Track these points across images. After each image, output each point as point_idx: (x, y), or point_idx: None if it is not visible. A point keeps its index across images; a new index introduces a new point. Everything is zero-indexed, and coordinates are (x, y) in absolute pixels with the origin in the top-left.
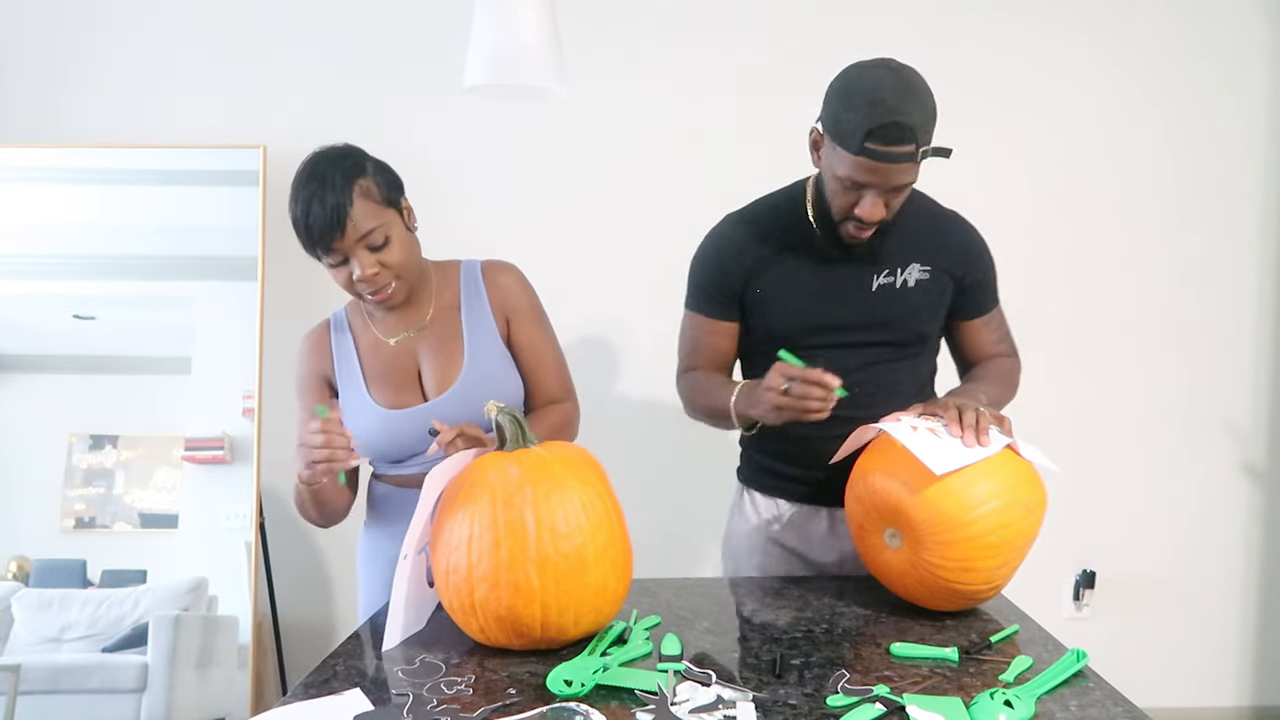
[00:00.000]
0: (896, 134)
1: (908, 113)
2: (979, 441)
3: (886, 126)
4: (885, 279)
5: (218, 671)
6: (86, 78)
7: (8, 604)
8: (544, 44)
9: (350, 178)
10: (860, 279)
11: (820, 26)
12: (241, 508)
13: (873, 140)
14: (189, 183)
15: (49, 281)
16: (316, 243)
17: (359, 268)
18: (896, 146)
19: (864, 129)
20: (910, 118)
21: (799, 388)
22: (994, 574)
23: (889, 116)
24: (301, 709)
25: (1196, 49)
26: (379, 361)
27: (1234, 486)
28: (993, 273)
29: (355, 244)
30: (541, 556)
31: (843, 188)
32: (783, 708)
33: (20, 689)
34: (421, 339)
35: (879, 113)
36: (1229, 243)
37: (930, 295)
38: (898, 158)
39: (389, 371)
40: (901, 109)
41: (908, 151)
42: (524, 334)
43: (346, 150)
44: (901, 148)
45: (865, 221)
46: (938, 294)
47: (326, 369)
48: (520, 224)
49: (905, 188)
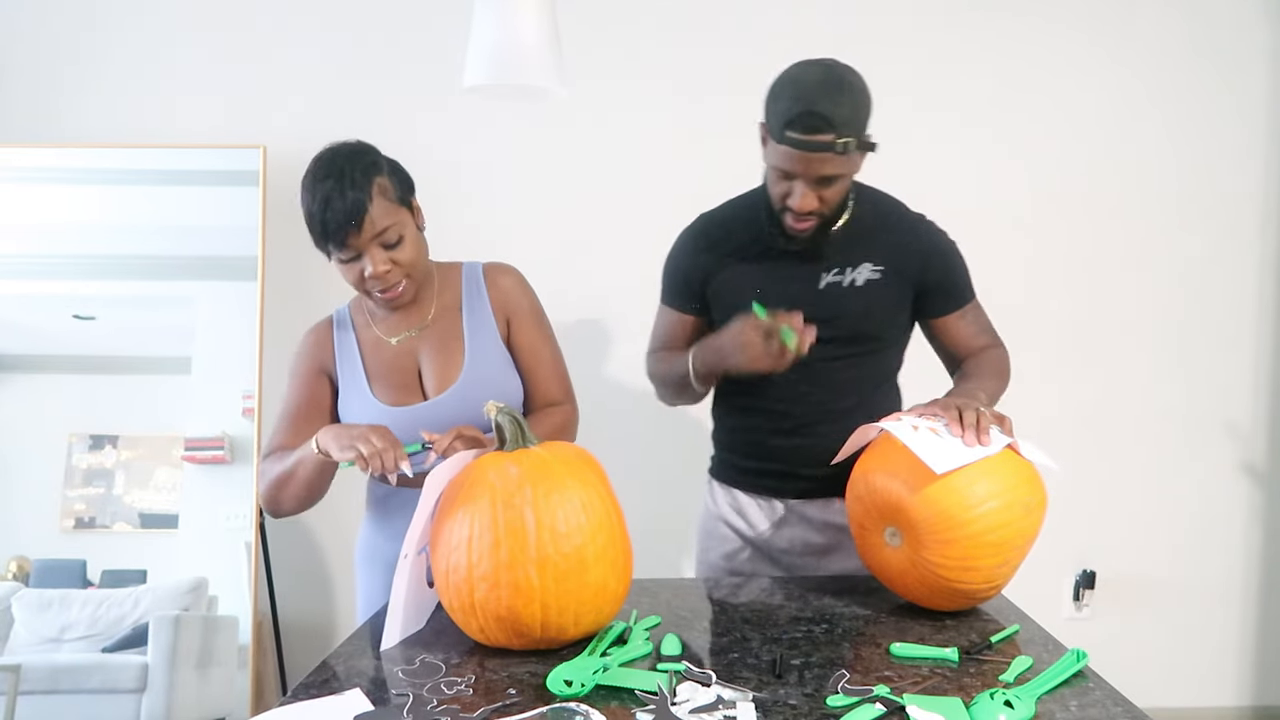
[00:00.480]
0: (813, 123)
1: (827, 104)
2: (979, 441)
3: (804, 115)
4: (834, 277)
5: (218, 671)
6: (86, 78)
7: (8, 604)
8: (544, 44)
9: (369, 174)
10: (809, 277)
11: (821, 27)
12: (241, 508)
13: (792, 129)
14: (189, 183)
15: (49, 281)
16: (332, 237)
17: (371, 265)
18: (814, 135)
19: (785, 118)
20: (828, 109)
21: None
22: (994, 573)
23: (807, 106)
24: (301, 709)
25: (1196, 49)
26: (380, 360)
27: (1234, 487)
28: (959, 271)
29: (370, 241)
30: (541, 556)
31: (776, 178)
32: (783, 708)
33: (20, 689)
34: (423, 338)
35: (799, 103)
36: (1229, 243)
37: (881, 295)
38: (816, 146)
39: (390, 370)
40: (821, 101)
41: (826, 141)
42: (523, 335)
43: (363, 147)
44: (819, 137)
45: (798, 212)
46: (891, 295)
47: (328, 364)
48: (520, 224)
49: (835, 180)
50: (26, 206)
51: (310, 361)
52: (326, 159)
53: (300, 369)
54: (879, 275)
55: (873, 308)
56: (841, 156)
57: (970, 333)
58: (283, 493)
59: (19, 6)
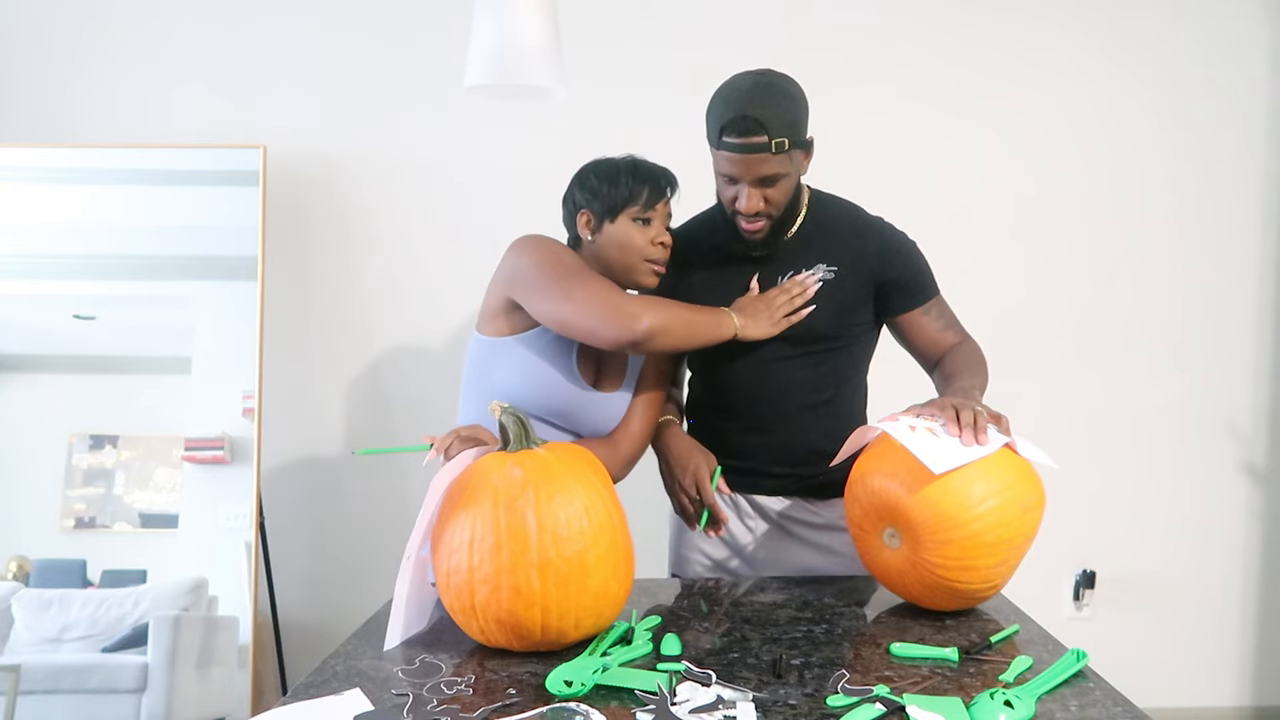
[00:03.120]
0: (745, 126)
1: (757, 108)
2: (977, 440)
3: (736, 120)
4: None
5: (218, 671)
6: (86, 78)
7: (8, 604)
8: (544, 44)
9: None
10: (765, 281)
11: (821, 27)
12: (241, 508)
13: (727, 134)
14: (189, 183)
15: (49, 281)
16: (659, 183)
17: (655, 232)
18: (748, 138)
19: (720, 124)
20: (759, 112)
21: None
22: (993, 573)
23: (739, 111)
24: (301, 709)
25: (1197, 48)
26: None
27: (1234, 487)
28: (918, 267)
29: (667, 211)
30: (543, 560)
31: (723, 185)
32: (783, 708)
33: (20, 689)
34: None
35: (730, 109)
36: (1229, 242)
37: (836, 295)
38: (751, 149)
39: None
40: (751, 105)
41: (760, 143)
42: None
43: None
44: (753, 139)
45: (744, 214)
46: (847, 294)
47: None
48: (520, 224)
49: (777, 179)
50: (26, 206)
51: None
52: (630, 158)
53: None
54: (833, 275)
55: (825, 308)
56: (778, 156)
57: (937, 328)
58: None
59: (20, 6)
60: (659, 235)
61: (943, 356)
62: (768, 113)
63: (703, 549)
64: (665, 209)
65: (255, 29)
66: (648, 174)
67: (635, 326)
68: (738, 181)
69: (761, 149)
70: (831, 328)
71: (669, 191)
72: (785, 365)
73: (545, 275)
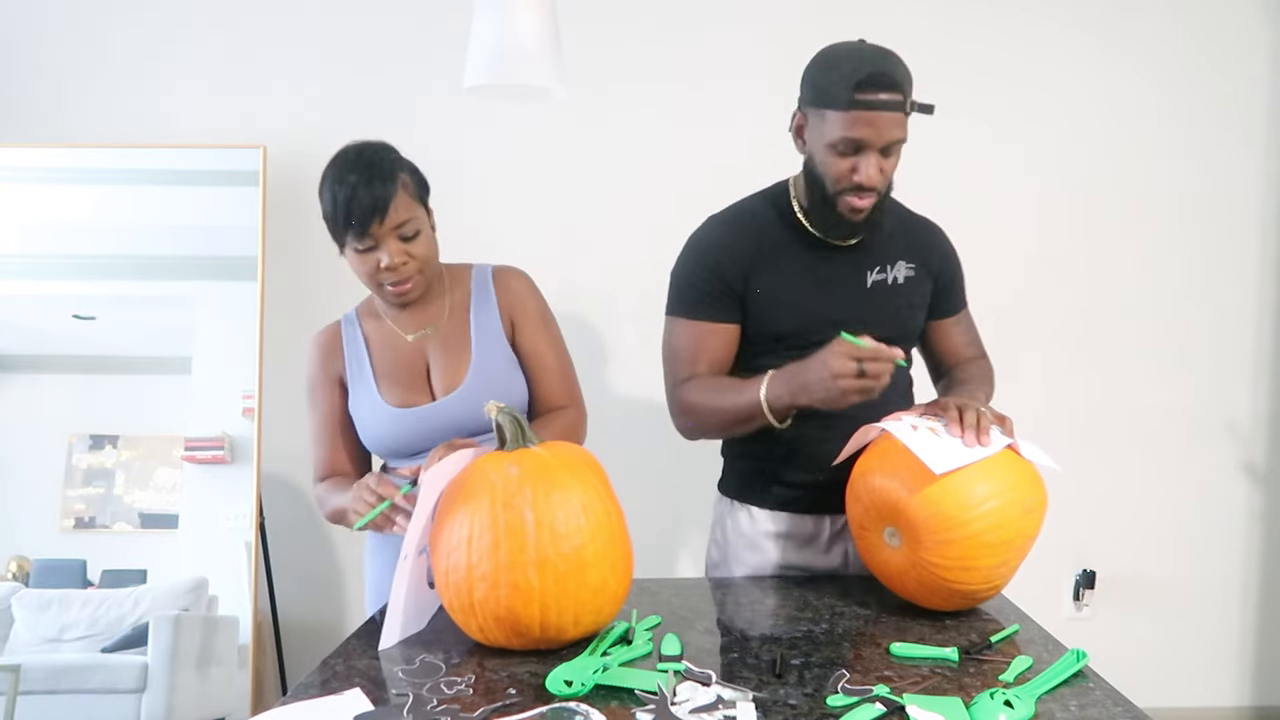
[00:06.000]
0: (885, 81)
1: (890, 65)
2: (979, 441)
3: (875, 75)
4: (878, 275)
5: (218, 671)
6: (86, 78)
7: (8, 604)
8: (544, 44)
9: (394, 169)
10: (855, 275)
11: (821, 27)
12: (241, 508)
13: (862, 90)
14: (189, 183)
15: (49, 281)
16: (355, 225)
17: (388, 256)
18: (886, 94)
19: (853, 81)
20: (895, 70)
21: (872, 366)
22: (993, 573)
23: (876, 66)
24: (301, 709)
25: (1197, 47)
26: (390, 360)
27: (1234, 486)
28: (961, 273)
29: (391, 231)
30: (541, 557)
31: (836, 155)
32: (783, 708)
33: (20, 689)
34: (432, 339)
35: (864, 66)
36: (1230, 242)
37: (916, 293)
38: (888, 105)
39: (399, 370)
40: (886, 63)
41: (896, 100)
42: (528, 339)
43: (383, 145)
44: (890, 95)
45: (864, 188)
46: (922, 292)
47: (339, 368)
48: (519, 224)
49: (897, 146)
50: (26, 206)
51: (321, 370)
52: (353, 154)
53: (315, 382)
54: (912, 272)
55: (914, 305)
56: (904, 119)
57: (963, 340)
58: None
59: (20, 6)
60: (385, 259)
61: (954, 368)
62: (901, 71)
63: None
64: (382, 230)
65: (255, 29)
66: (345, 214)
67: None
68: (861, 149)
69: (898, 107)
70: (919, 325)
71: (373, 221)
72: None
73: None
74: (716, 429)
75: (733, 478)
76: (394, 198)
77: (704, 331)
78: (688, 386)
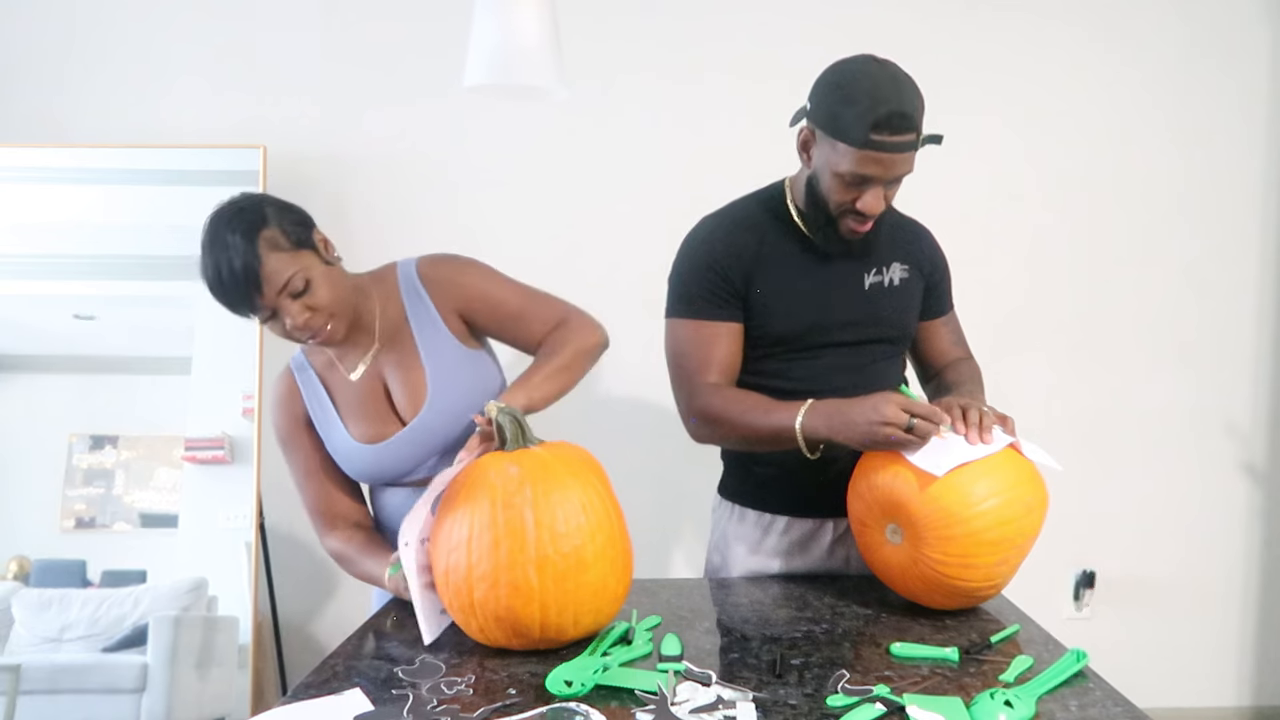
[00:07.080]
0: (901, 124)
1: (907, 101)
2: (981, 439)
3: (892, 117)
4: (875, 277)
5: (218, 671)
6: (86, 78)
7: (8, 604)
8: (544, 44)
9: (252, 234)
10: (853, 277)
11: (821, 27)
12: (241, 508)
13: (878, 132)
14: (189, 183)
15: (49, 281)
16: (237, 306)
17: (289, 318)
18: (901, 136)
19: (869, 122)
20: (910, 106)
21: (921, 425)
22: (994, 571)
23: (893, 107)
24: (301, 709)
25: (1197, 47)
26: (350, 396)
27: (1234, 487)
28: (948, 276)
29: (277, 296)
30: (541, 556)
31: (843, 184)
32: (783, 708)
33: (20, 689)
34: (384, 362)
35: (881, 105)
36: (1230, 242)
37: (911, 294)
38: (902, 147)
39: (361, 405)
40: (900, 99)
41: (910, 140)
42: (483, 316)
43: (243, 203)
44: (905, 137)
45: (866, 215)
46: (918, 293)
47: (302, 414)
48: (517, 224)
49: (903, 177)
50: (26, 206)
51: (288, 418)
52: (209, 228)
53: (285, 431)
54: (907, 274)
55: (910, 306)
56: (914, 155)
57: (950, 341)
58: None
59: (19, 6)
60: (289, 322)
61: (943, 368)
62: (914, 106)
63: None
64: (267, 299)
65: (255, 29)
66: (223, 298)
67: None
68: (868, 181)
69: (910, 147)
70: (914, 326)
71: (253, 297)
72: (887, 365)
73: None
74: (739, 442)
75: (733, 481)
76: (259, 267)
77: (708, 332)
78: (710, 396)
